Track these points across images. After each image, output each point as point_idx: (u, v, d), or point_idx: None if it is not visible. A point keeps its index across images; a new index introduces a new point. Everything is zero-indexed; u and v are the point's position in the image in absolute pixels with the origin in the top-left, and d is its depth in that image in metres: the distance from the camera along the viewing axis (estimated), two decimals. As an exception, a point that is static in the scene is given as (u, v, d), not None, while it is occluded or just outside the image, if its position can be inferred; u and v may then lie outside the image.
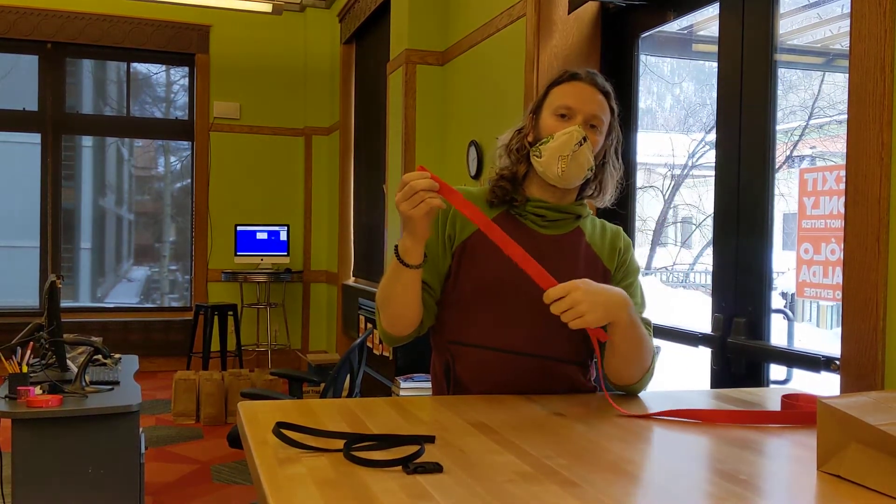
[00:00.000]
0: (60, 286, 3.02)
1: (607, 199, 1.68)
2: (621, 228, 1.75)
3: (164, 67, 7.09)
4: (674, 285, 9.96)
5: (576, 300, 1.35)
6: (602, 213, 1.96)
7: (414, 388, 3.22)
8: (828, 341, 5.97)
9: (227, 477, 3.88)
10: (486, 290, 1.59)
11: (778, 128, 2.24)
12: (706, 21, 3.01)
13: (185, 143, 7.00)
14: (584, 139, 1.55)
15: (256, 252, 6.54)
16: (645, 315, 1.65)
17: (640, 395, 1.58)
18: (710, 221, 2.46)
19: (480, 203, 1.63)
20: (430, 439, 1.15)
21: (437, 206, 1.38)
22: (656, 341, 2.60)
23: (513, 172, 1.64)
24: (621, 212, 2.32)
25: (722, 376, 2.29)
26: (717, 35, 2.42)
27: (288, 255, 6.61)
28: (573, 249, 1.61)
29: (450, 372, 1.63)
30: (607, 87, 1.63)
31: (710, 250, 2.45)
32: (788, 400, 1.38)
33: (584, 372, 1.66)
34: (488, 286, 1.59)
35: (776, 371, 2.21)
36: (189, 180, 6.98)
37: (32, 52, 6.50)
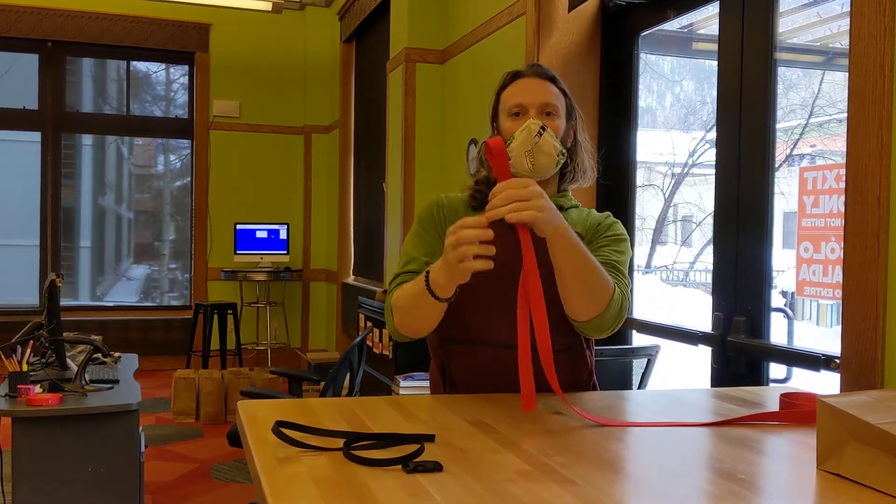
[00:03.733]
0: (60, 285, 3.02)
1: (590, 177, 1.70)
2: (610, 213, 1.74)
3: (163, 66, 7.09)
4: (674, 284, 9.96)
5: (534, 193, 1.31)
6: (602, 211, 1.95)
7: (414, 386, 3.21)
8: (828, 340, 5.97)
9: (227, 476, 3.88)
10: (474, 286, 1.59)
11: (778, 126, 2.24)
12: (706, 19, 3.01)
13: (185, 141, 7.00)
14: (543, 128, 1.57)
15: (256, 250, 6.53)
16: (629, 285, 1.62)
17: (636, 396, 1.57)
18: (710, 220, 2.46)
19: (463, 208, 1.66)
20: (430, 438, 1.14)
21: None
22: (656, 340, 2.61)
23: (487, 177, 1.68)
24: (614, 200, 2.31)
25: (722, 375, 2.29)
26: (717, 33, 2.42)
27: (288, 253, 6.61)
28: None
29: (445, 371, 1.63)
30: (551, 73, 1.68)
31: (710, 249, 2.45)
32: (787, 399, 1.38)
33: (583, 364, 1.65)
34: (475, 282, 1.59)
35: (776, 370, 2.21)
36: (189, 179, 6.98)
37: (32, 50, 6.50)
